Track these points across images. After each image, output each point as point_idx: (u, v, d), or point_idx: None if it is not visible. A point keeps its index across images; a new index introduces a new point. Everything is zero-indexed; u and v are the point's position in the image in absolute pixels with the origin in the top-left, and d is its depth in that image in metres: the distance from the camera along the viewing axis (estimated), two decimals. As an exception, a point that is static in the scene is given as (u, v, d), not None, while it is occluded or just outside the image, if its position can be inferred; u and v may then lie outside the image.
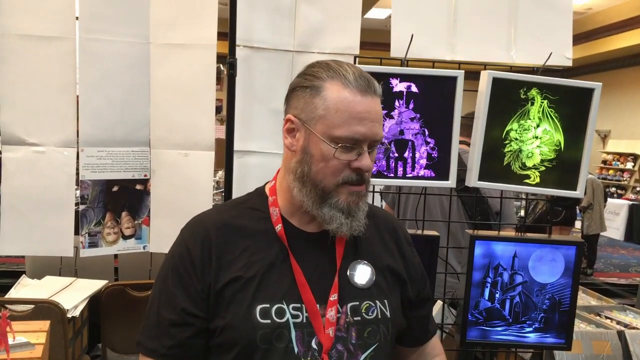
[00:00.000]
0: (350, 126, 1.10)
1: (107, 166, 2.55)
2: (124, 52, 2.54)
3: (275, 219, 1.18)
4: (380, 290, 1.20)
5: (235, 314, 1.11)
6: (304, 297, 1.12)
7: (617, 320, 2.72)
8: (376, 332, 1.16)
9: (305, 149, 1.13)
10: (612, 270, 9.04)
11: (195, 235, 1.16)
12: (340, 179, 1.12)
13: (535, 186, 1.73)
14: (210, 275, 1.13)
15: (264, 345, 1.09)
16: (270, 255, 1.15)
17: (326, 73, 1.13)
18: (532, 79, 1.69)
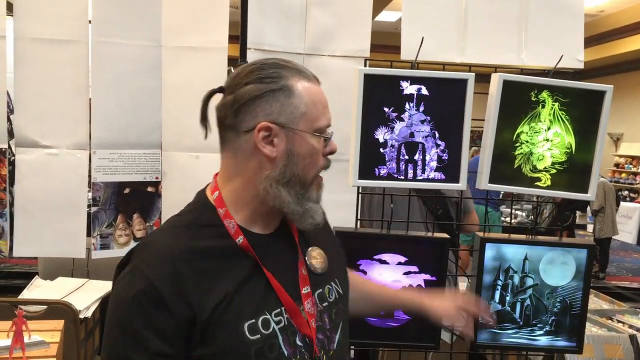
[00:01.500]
0: (324, 115, 1.14)
1: (118, 168, 2.57)
2: (136, 55, 2.56)
3: (233, 232, 1.14)
4: (331, 271, 1.24)
5: (225, 338, 1.07)
6: (282, 300, 1.12)
7: (630, 324, 2.70)
8: (339, 311, 1.23)
9: (289, 151, 1.12)
10: (624, 274, 8.96)
11: (158, 270, 1.06)
12: (318, 169, 1.15)
13: (546, 189, 1.72)
14: (192, 309, 1.05)
15: (259, 359, 1.08)
16: (240, 269, 1.11)
17: (285, 72, 1.12)
18: (543, 81, 1.69)
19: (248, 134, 1.11)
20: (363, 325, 1.71)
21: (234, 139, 1.14)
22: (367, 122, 1.67)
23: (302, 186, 1.14)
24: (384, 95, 1.67)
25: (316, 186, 1.17)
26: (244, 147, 1.13)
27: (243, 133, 1.12)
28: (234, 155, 1.15)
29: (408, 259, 1.72)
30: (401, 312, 1.72)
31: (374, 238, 1.74)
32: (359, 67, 1.67)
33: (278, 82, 1.11)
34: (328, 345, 1.17)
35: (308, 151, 1.12)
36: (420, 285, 1.72)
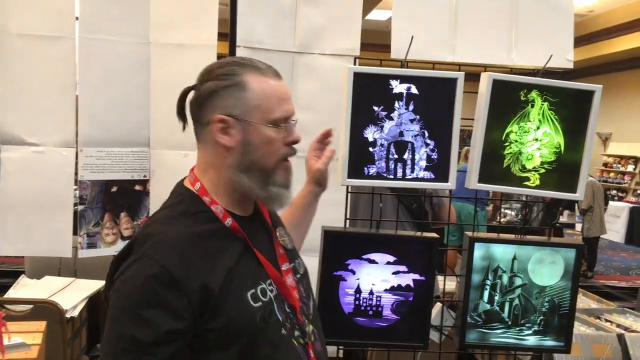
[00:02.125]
0: (281, 107, 1.25)
1: (106, 166, 2.55)
2: (124, 52, 2.54)
3: (221, 215, 1.26)
4: (295, 249, 1.43)
5: (234, 308, 1.18)
6: (270, 273, 1.27)
7: (617, 323, 2.71)
8: (308, 283, 1.41)
9: (245, 140, 1.23)
10: (612, 273, 9.02)
11: (168, 255, 1.16)
12: (280, 156, 1.26)
13: (535, 188, 1.72)
14: (201, 281, 1.16)
15: (263, 324, 1.20)
16: (234, 248, 1.24)
17: (240, 69, 1.24)
18: (533, 81, 1.68)
19: (208, 126, 1.24)
20: (351, 325, 1.71)
21: (200, 132, 1.28)
22: (356, 121, 1.66)
23: (264, 173, 1.25)
24: (374, 94, 1.66)
25: (282, 172, 1.27)
26: (207, 139, 1.26)
27: (205, 125, 1.25)
28: (203, 147, 1.29)
29: (397, 258, 1.71)
30: (390, 312, 1.72)
31: (363, 237, 1.73)
32: (349, 65, 1.66)
33: (232, 79, 1.23)
34: (307, 311, 1.34)
35: (263, 141, 1.23)
36: (409, 285, 1.71)
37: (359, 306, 1.71)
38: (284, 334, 1.24)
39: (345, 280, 1.70)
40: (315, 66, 2.68)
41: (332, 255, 1.69)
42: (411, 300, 1.72)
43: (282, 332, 1.24)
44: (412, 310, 1.72)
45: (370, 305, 1.71)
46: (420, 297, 1.72)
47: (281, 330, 1.24)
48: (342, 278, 1.70)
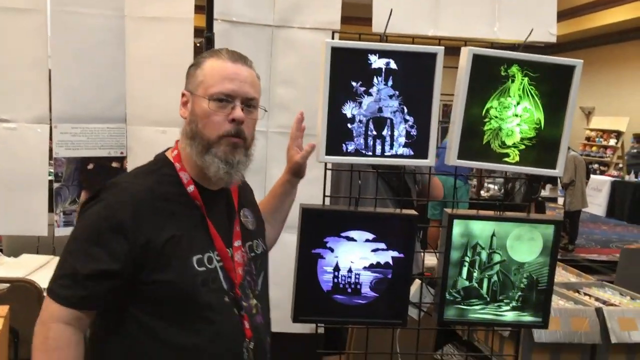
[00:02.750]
0: (222, 84, 1.39)
1: (81, 143, 2.50)
2: (98, 25, 2.47)
3: (186, 181, 1.42)
4: (258, 230, 1.60)
5: (176, 266, 1.33)
6: (217, 246, 1.41)
7: (596, 297, 2.74)
8: (263, 262, 1.57)
9: (193, 111, 1.42)
10: (593, 246, 9.16)
11: (122, 201, 1.33)
12: (221, 132, 1.39)
13: (514, 165, 1.71)
14: (146, 236, 1.31)
15: (204, 287, 1.36)
16: (190, 214, 1.40)
17: (207, 54, 1.45)
18: (513, 55, 1.66)
19: None
20: (330, 303, 1.70)
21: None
22: (334, 96, 1.62)
23: (204, 143, 1.39)
24: (352, 69, 1.62)
25: (223, 147, 1.39)
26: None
27: None
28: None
29: (376, 236, 1.69)
30: (368, 290, 1.71)
31: (342, 215, 1.71)
32: (327, 39, 1.62)
33: (197, 61, 1.45)
34: (254, 287, 1.49)
35: (203, 113, 1.39)
36: (388, 263, 1.70)
37: (338, 284, 1.70)
38: (226, 301, 1.39)
39: (323, 258, 1.68)
40: (294, 40, 2.63)
41: (310, 233, 1.67)
42: (390, 277, 1.71)
43: (225, 299, 1.39)
44: (390, 288, 1.71)
45: (348, 283, 1.70)
46: (399, 275, 1.71)
47: (224, 298, 1.39)
48: (320, 256, 1.68)
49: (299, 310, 1.69)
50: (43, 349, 1.28)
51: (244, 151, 1.44)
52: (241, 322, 1.41)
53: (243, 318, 1.41)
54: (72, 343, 1.30)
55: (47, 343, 1.28)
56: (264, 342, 1.49)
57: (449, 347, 2.86)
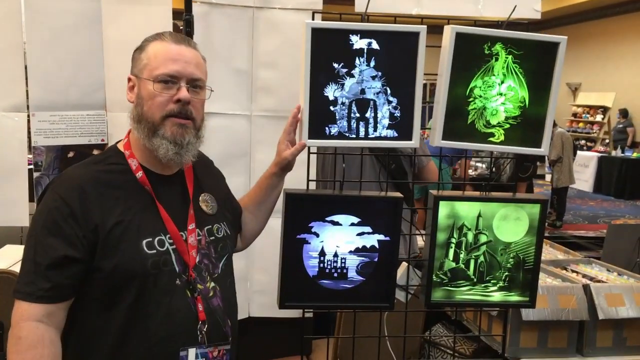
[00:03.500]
0: (166, 65, 1.40)
1: (61, 131, 2.44)
2: (73, 9, 2.40)
3: (134, 168, 1.44)
4: (221, 214, 1.61)
5: (126, 250, 1.35)
6: (169, 229, 1.42)
7: (583, 273, 2.75)
8: (225, 246, 1.58)
9: (138, 95, 1.44)
10: (580, 222, 9.23)
11: (69, 190, 1.36)
12: (165, 112, 1.40)
13: (499, 144, 1.69)
14: (95, 221, 1.34)
15: (154, 270, 1.38)
16: (139, 199, 1.42)
17: (151, 37, 1.47)
18: (496, 33, 1.63)
19: None
20: (316, 288, 1.68)
21: None
22: (316, 78, 1.59)
23: (150, 125, 1.41)
24: (333, 51, 1.59)
25: (169, 127, 1.41)
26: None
27: None
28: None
29: (361, 219, 1.67)
30: (355, 274, 1.69)
31: (326, 199, 1.68)
32: (307, 20, 1.58)
33: (140, 45, 1.47)
34: (212, 270, 1.51)
35: (148, 95, 1.41)
36: (374, 246, 1.69)
37: (324, 269, 1.68)
38: (178, 284, 1.41)
39: (309, 243, 1.66)
40: (276, 21, 2.58)
41: (295, 218, 1.64)
42: (376, 261, 1.69)
43: (176, 281, 1.41)
44: (377, 271, 1.70)
45: (335, 268, 1.69)
46: (385, 258, 1.69)
47: (176, 280, 1.41)
48: (305, 241, 1.66)
49: (285, 296, 1.67)
50: (16, 350, 1.27)
51: (193, 132, 1.46)
52: (194, 305, 1.42)
53: (197, 300, 1.43)
54: (45, 340, 1.28)
55: (20, 343, 1.26)
56: (222, 324, 1.49)
57: (438, 327, 2.87)
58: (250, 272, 2.79)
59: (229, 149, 2.67)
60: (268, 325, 2.73)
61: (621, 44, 13.38)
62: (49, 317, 1.30)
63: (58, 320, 1.33)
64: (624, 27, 13.25)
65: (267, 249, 2.71)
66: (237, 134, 2.67)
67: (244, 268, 2.74)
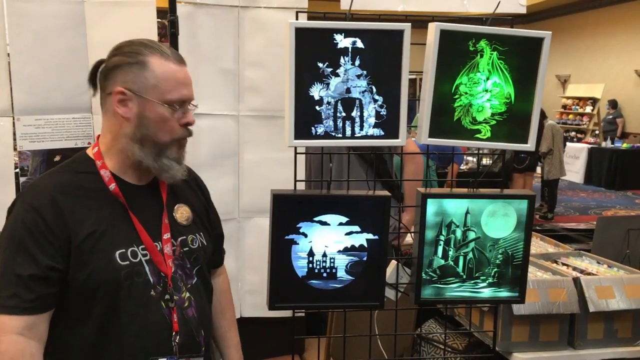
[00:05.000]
0: (178, 90, 1.40)
1: (46, 135, 2.42)
2: (57, 12, 2.38)
3: (107, 179, 1.41)
4: (197, 226, 1.59)
5: (98, 261, 1.34)
6: (143, 240, 1.41)
7: (574, 266, 2.76)
8: (199, 257, 1.56)
9: (141, 114, 1.38)
10: (572, 214, 9.29)
11: (41, 200, 1.33)
12: (176, 136, 1.42)
13: (486, 141, 1.69)
14: (68, 231, 1.32)
15: (127, 281, 1.37)
16: (112, 209, 1.40)
17: (146, 50, 1.39)
18: (481, 29, 1.62)
19: (110, 96, 1.40)
20: (305, 289, 1.67)
21: (104, 99, 1.43)
22: (301, 78, 1.58)
23: (157, 146, 1.40)
24: (318, 50, 1.58)
25: (175, 148, 1.43)
26: (108, 107, 1.41)
27: (107, 95, 1.41)
28: (105, 114, 1.43)
29: (349, 219, 1.67)
30: (344, 273, 1.69)
31: (313, 199, 1.68)
32: (290, 20, 1.57)
33: (136, 57, 1.38)
34: (186, 280, 1.50)
35: (157, 117, 1.38)
36: (362, 245, 1.68)
37: (313, 269, 1.68)
38: (152, 295, 1.40)
39: (297, 244, 1.66)
40: (262, 21, 2.57)
41: (282, 219, 1.64)
42: (365, 260, 1.69)
43: (151, 292, 1.40)
44: (366, 270, 1.70)
45: (324, 268, 1.68)
46: (374, 257, 1.69)
47: (151, 291, 1.40)
48: (293, 242, 1.65)
49: (274, 297, 1.67)
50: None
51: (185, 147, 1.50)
52: (169, 316, 1.42)
53: (172, 311, 1.43)
54: (26, 354, 1.27)
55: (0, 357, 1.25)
56: (195, 335, 1.49)
57: (431, 323, 2.87)
58: (241, 272, 2.79)
59: (217, 149, 2.67)
60: (260, 324, 2.73)
61: (609, 35, 13.44)
62: (29, 330, 1.29)
63: (40, 332, 1.32)
64: (612, 18, 13.31)
65: (257, 249, 2.71)
66: (225, 134, 2.66)
67: (235, 268, 2.73)
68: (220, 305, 1.76)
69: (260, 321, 2.73)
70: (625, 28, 12.74)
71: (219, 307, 1.75)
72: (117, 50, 1.42)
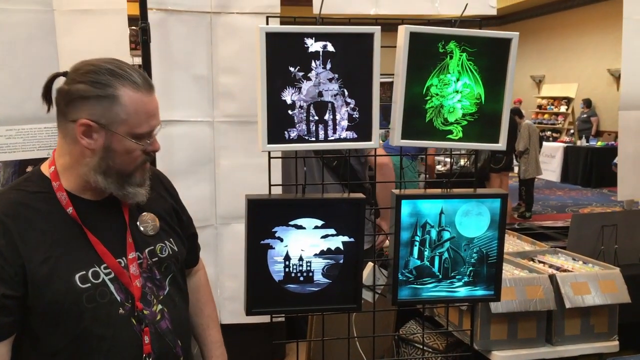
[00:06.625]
0: (148, 123, 1.36)
1: (18, 145, 2.39)
2: (26, 21, 2.35)
3: (64, 202, 1.35)
4: (165, 232, 1.53)
5: (57, 287, 1.28)
6: (104, 259, 1.35)
7: (550, 264, 2.80)
8: (170, 265, 1.51)
9: (107, 147, 1.33)
10: (549, 212, 9.40)
11: None
12: (139, 163, 1.38)
13: (458, 141, 1.71)
14: (22, 257, 1.26)
15: (91, 304, 1.31)
16: (68, 231, 1.33)
17: (117, 81, 1.31)
18: (450, 31, 1.64)
19: (72, 123, 1.31)
20: (282, 293, 1.67)
21: (63, 124, 1.35)
22: (272, 83, 1.58)
23: (121, 176, 1.36)
24: (289, 54, 1.58)
25: (140, 173, 1.40)
26: (70, 133, 1.33)
27: (69, 122, 1.32)
28: (63, 137, 1.36)
29: (324, 222, 1.67)
30: (321, 277, 1.69)
31: (288, 204, 1.68)
32: (260, 25, 1.57)
33: (106, 90, 1.30)
34: (158, 292, 1.45)
35: (124, 150, 1.34)
36: (338, 248, 1.69)
37: (289, 273, 1.68)
38: (121, 314, 1.35)
39: (273, 249, 1.65)
40: (235, 26, 2.57)
41: (257, 224, 1.63)
42: (342, 262, 1.70)
43: (119, 311, 1.35)
44: (343, 273, 1.70)
45: (300, 272, 1.68)
46: (351, 259, 1.70)
47: (119, 310, 1.35)
48: (269, 246, 1.65)
49: (251, 302, 1.66)
50: None
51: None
52: (140, 332, 1.37)
53: (143, 331, 1.38)
54: None
55: None
56: (172, 346, 1.46)
57: (411, 324, 2.89)
58: (220, 278, 2.77)
59: (193, 156, 2.65)
60: (241, 331, 2.72)
61: (582, 35, 13.66)
62: None
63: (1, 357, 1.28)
64: (583, 19, 13.54)
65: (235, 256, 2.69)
66: (200, 140, 2.65)
67: (214, 275, 2.72)
68: (198, 303, 1.71)
69: (240, 328, 2.72)
70: (596, 28, 12.97)
71: (198, 304, 1.71)
72: (82, 76, 1.31)
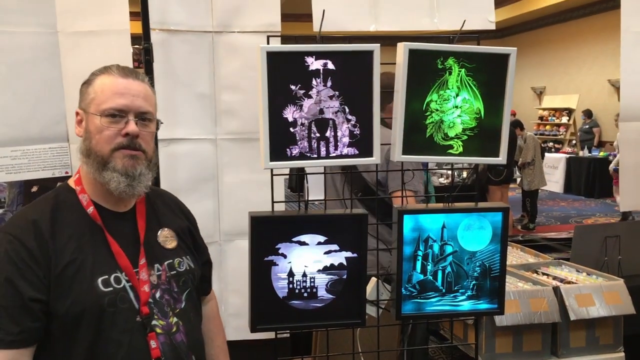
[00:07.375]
0: (113, 99, 1.40)
1: (23, 166, 2.41)
2: (30, 43, 2.38)
3: (85, 203, 1.43)
4: (183, 249, 1.59)
5: (80, 290, 1.33)
6: (122, 265, 1.41)
7: (554, 275, 2.79)
8: (187, 280, 1.55)
9: (86, 129, 1.43)
10: (553, 223, 9.38)
11: (24, 230, 1.34)
12: (114, 145, 1.40)
13: (458, 156, 1.72)
14: (50, 262, 1.32)
15: (111, 308, 1.36)
16: (92, 236, 1.40)
17: (98, 71, 1.47)
18: (448, 48, 1.67)
19: None
20: (287, 309, 1.68)
21: None
22: (274, 101, 1.61)
23: (100, 159, 1.40)
24: (290, 73, 1.61)
25: (119, 160, 1.41)
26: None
27: None
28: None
29: (328, 238, 1.68)
30: (325, 292, 1.70)
31: (291, 220, 1.69)
32: (261, 45, 1.60)
33: (87, 79, 1.47)
34: (174, 305, 1.49)
35: (96, 129, 1.40)
36: (342, 264, 1.70)
37: (293, 289, 1.69)
38: (138, 321, 1.39)
39: (277, 265, 1.67)
40: (236, 45, 2.60)
41: (261, 241, 1.65)
42: (345, 278, 1.70)
43: (136, 319, 1.39)
44: (346, 288, 1.71)
45: (304, 288, 1.69)
46: (354, 274, 1.71)
47: (136, 317, 1.39)
48: (273, 263, 1.66)
49: (256, 319, 1.67)
50: None
51: (145, 163, 1.46)
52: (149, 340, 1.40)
53: (148, 337, 1.40)
54: None
55: None
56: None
57: (416, 338, 2.88)
58: (224, 295, 2.78)
59: (196, 173, 2.67)
60: (245, 348, 2.71)
61: (582, 46, 13.72)
62: None
63: None
64: (583, 30, 13.60)
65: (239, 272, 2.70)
66: (204, 158, 2.67)
67: (218, 291, 2.72)
68: (210, 333, 1.73)
69: (245, 344, 2.71)
70: (596, 39, 13.02)
71: (209, 334, 1.72)
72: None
